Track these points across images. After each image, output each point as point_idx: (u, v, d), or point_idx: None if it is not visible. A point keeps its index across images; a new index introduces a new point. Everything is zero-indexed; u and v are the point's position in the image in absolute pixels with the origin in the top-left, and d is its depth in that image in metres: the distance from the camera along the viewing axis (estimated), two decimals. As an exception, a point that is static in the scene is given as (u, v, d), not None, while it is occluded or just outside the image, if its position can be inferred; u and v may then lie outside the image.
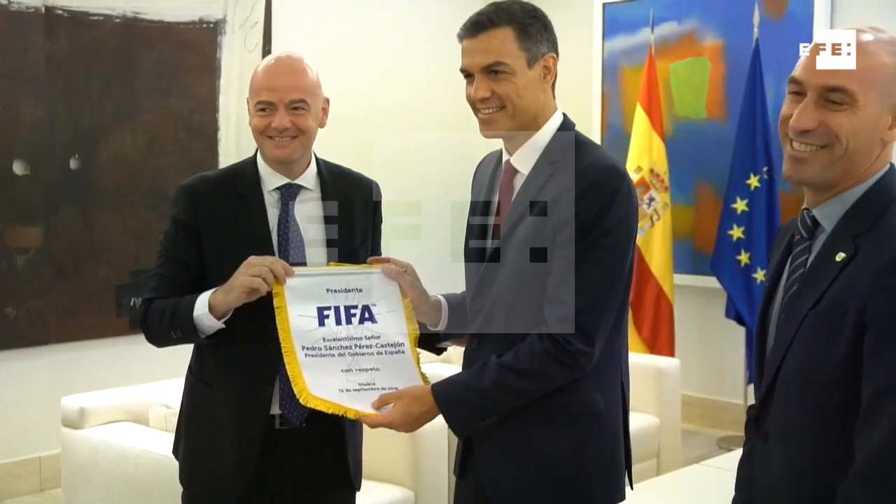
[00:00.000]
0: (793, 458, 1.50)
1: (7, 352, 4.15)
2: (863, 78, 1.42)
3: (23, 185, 4.16)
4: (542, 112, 1.91)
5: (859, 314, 1.38)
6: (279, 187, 2.10)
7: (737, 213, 4.88)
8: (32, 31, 4.13)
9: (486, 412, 1.86)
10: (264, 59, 2.14)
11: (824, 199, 1.49)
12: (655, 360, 4.35)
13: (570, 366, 1.81)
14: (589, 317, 1.79)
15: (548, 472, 1.88)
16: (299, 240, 2.08)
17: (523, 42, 1.85)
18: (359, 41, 5.26)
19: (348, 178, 2.22)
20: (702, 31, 5.25)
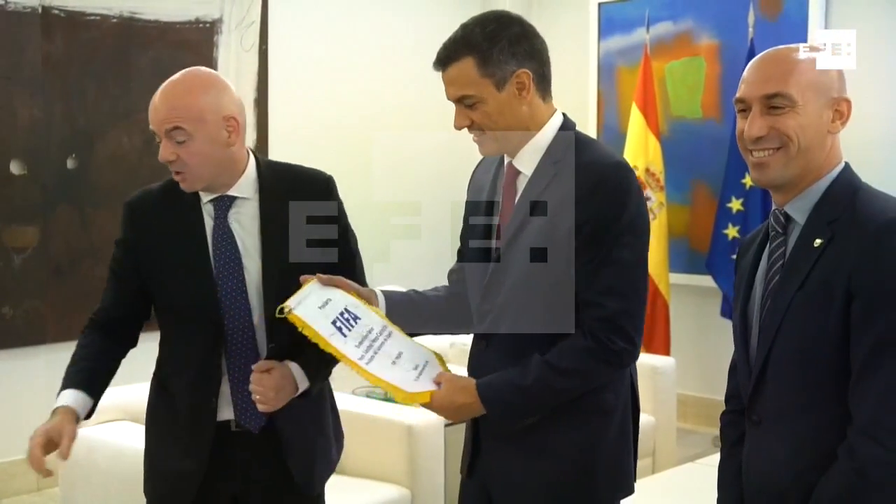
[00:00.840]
0: (791, 435, 1.57)
1: (4, 351, 4.15)
2: (796, 81, 1.58)
3: (20, 184, 4.17)
4: (534, 119, 1.91)
5: (845, 287, 1.49)
6: (211, 200, 2.07)
7: (732, 212, 4.91)
8: (29, 31, 4.14)
9: (528, 410, 1.88)
10: None
11: (792, 196, 1.61)
12: (651, 360, 4.36)
13: (615, 364, 1.84)
14: (627, 317, 1.82)
15: (557, 470, 1.91)
16: (235, 251, 2.05)
17: (486, 69, 1.85)
18: (355, 40, 5.26)
19: (297, 178, 2.13)
20: (697, 31, 5.27)
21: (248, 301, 2.04)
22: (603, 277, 1.80)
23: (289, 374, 2.03)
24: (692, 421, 5.11)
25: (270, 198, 2.07)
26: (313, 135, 5.08)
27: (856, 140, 4.92)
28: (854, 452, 1.47)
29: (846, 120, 1.60)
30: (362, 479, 3.28)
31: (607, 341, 1.81)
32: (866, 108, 4.82)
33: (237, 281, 2.04)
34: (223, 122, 1.99)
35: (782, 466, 1.58)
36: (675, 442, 4.28)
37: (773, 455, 1.60)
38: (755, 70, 1.62)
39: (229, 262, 2.04)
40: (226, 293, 2.04)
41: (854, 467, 1.47)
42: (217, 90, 2.02)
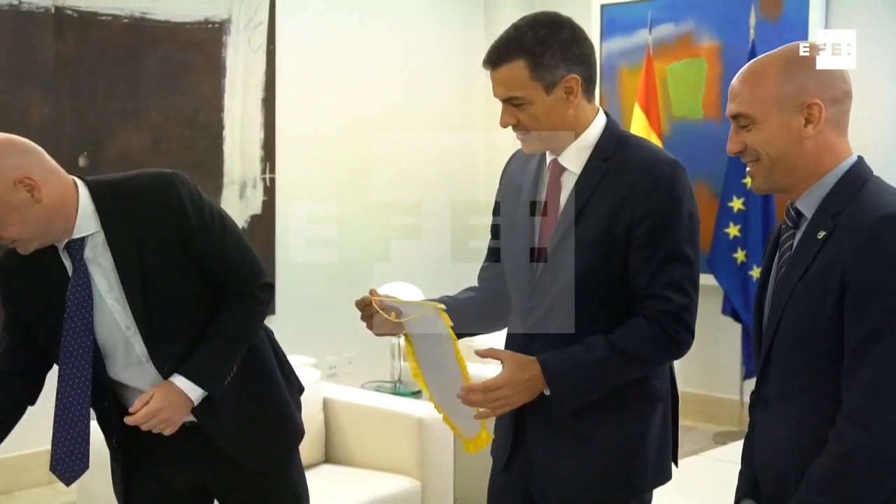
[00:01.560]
0: (791, 416, 1.64)
1: None
2: (754, 98, 1.64)
3: (32, 182, 4.22)
4: (577, 121, 1.95)
5: (841, 277, 1.54)
6: (63, 247, 1.99)
7: (733, 211, 4.96)
8: (42, 31, 4.19)
9: (589, 388, 1.91)
10: None
11: (800, 193, 1.67)
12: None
13: (675, 354, 1.93)
14: (689, 310, 1.91)
15: (606, 460, 1.94)
16: (88, 298, 1.97)
17: (537, 73, 1.89)
18: (361, 41, 5.31)
19: (130, 194, 1.98)
20: (698, 33, 5.32)
21: (89, 342, 1.98)
22: (669, 272, 1.87)
23: (171, 389, 2.00)
24: (693, 418, 5.14)
25: (114, 224, 1.97)
26: (320, 134, 5.13)
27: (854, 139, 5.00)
28: (841, 437, 1.53)
29: (819, 122, 1.63)
30: (373, 471, 3.34)
31: (673, 332, 1.88)
32: (865, 109, 4.90)
33: (82, 327, 1.97)
34: (15, 186, 1.86)
35: (783, 446, 1.65)
36: None
37: (776, 435, 1.67)
38: (730, 88, 1.69)
39: (80, 313, 1.97)
40: (66, 340, 1.98)
41: (840, 452, 1.53)
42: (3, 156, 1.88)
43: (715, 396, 5.29)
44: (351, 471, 3.40)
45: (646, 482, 1.99)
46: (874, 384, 1.51)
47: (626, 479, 1.96)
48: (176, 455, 2.13)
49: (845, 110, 1.67)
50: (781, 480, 1.65)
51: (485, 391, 1.88)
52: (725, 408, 5.15)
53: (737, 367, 5.11)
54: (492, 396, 1.88)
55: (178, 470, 2.16)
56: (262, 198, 4.91)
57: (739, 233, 4.94)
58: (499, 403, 1.89)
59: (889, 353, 1.51)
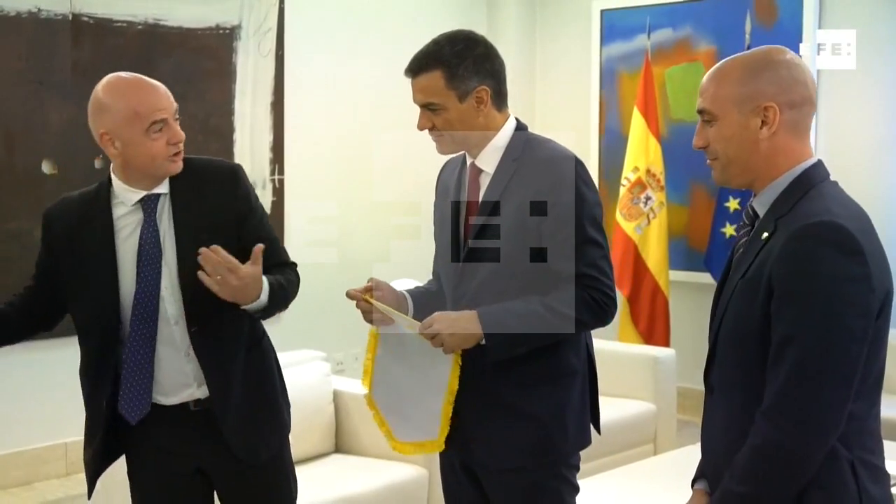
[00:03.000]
0: (727, 405, 1.72)
1: (33, 342, 4.13)
2: (716, 95, 1.71)
3: (51, 184, 4.33)
4: (488, 127, 2.17)
5: (769, 279, 1.62)
6: (139, 201, 2.16)
7: (729, 211, 5.08)
8: (60, 38, 4.31)
9: (521, 338, 2.08)
10: (106, 88, 2.19)
11: (757, 192, 1.73)
12: (652, 350, 4.53)
13: (603, 319, 2.13)
14: (610, 286, 2.13)
15: (535, 429, 2.15)
16: (158, 251, 2.14)
17: (451, 82, 2.12)
18: (369, 46, 5.40)
19: (201, 170, 2.22)
20: (696, 38, 5.45)
21: (157, 305, 2.14)
22: (586, 254, 2.09)
23: (258, 275, 2.11)
24: (690, 412, 5.21)
25: (180, 191, 2.17)
26: (328, 136, 5.22)
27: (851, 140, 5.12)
28: (756, 432, 1.61)
29: (773, 125, 1.67)
30: (381, 460, 3.44)
31: (601, 301, 2.11)
32: (858, 110, 5.02)
33: (152, 283, 2.13)
34: None
35: (719, 433, 1.73)
36: (674, 430, 4.43)
37: (715, 422, 1.76)
38: (700, 84, 1.76)
39: (151, 264, 2.14)
40: (140, 298, 2.13)
41: (754, 445, 1.61)
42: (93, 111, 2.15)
43: None
44: (360, 460, 3.51)
45: (568, 448, 2.19)
46: (786, 385, 1.58)
47: (552, 445, 2.16)
48: (177, 438, 2.22)
49: (805, 114, 1.72)
50: (717, 465, 1.73)
51: (423, 328, 2.08)
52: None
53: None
54: (428, 333, 2.07)
55: (178, 454, 2.24)
56: (271, 198, 5.03)
57: (735, 232, 4.97)
58: (431, 335, 2.06)
59: (800, 357, 1.57)
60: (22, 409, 4.32)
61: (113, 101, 2.12)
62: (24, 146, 4.26)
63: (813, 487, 1.61)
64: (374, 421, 2.27)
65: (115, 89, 2.14)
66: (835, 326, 1.57)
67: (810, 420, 1.58)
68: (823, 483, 1.61)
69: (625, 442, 4.13)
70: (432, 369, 2.16)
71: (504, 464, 2.17)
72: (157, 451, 2.25)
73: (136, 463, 2.30)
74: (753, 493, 1.62)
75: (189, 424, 2.23)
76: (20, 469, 4.30)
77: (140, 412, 2.18)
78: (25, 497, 4.20)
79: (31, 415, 4.35)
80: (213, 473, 2.29)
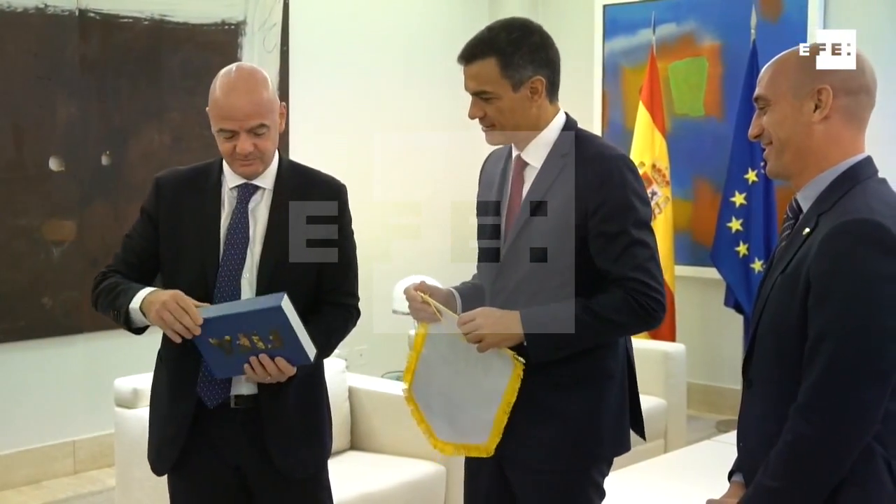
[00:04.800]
0: (764, 401, 1.72)
1: (44, 340, 4.31)
2: (771, 81, 1.71)
3: (58, 180, 4.31)
4: (539, 119, 2.12)
5: (807, 276, 1.61)
6: (237, 186, 2.20)
7: (735, 206, 5.08)
8: (67, 33, 4.28)
9: (563, 340, 2.05)
10: (222, 74, 2.17)
11: (804, 183, 1.72)
12: (662, 346, 4.52)
13: (648, 324, 2.08)
14: (658, 290, 2.06)
15: (566, 433, 2.11)
16: (245, 237, 2.17)
17: (506, 71, 2.07)
18: (374, 42, 5.39)
19: (310, 180, 2.26)
20: (700, 33, 5.45)
21: (239, 287, 2.15)
22: (633, 256, 2.03)
23: None
24: (697, 407, 5.25)
25: (283, 192, 2.19)
26: (333, 134, 5.20)
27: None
28: (791, 427, 1.61)
29: (826, 108, 1.66)
30: (397, 457, 3.44)
31: (647, 306, 2.04)
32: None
33: (235, 268, 2.15)
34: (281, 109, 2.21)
35: (756, 427, 1.73)
36: (685, 425, 4.43)
37: (753, 415, 1.75)
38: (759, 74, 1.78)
39: (236, 248, 2.16)
40: (222, 277, 2.15)
41: (787, 441, 1.61)
42: None
43: (718, 386, 5.40)
44: (376, 457, 3.49)
45: (602, 451, 2.15)
46: (820, 381, 1.58)
47: (583, 448, 2.12)
48: (224, 437, 2.19)
49: (861, 104, 1.70)
50: (753, 459, 1.72)
51: (462, 322, 2.06)
52: (728, 397, 5.25)
53: (739, 357, 5.23)
54: (467, 328, 2.05)
55: (220, 452, 2.20)
56: (277, 195, 5.00)
57: (741, 227, 5.07)
58: (471, 330, 2.04)
59: (835, 354, 1.57)
60: (30, 407, 4.32)
61: (212, 88, 2.17)
62: (31, 142, 4.25)
63: (848, 484, 1.61)
64: (414, 417, 2.24)
65: (217, 79, 2.17)
66: (871, 325, 1.57)
67: (844, 417, 1.58)
68: (859, 480, 1.61)
69: (636, 437, 4.11)
70: (486, 378, 2.12)
71: (536, 464, 2.14)
72: (204, 448, 2.21)
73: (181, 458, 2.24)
74: (787, 488, 1.62)
75: (232, 422, 2.20)
76: (28, 467, 4.30)
77: (220, 395, 2.16)
78: (34, 495, 4.19)
79: (39, 412, 4.34)
80: (250, 476, 2.25)
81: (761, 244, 4.98)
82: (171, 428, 2.19)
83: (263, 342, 2.05)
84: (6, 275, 4.19)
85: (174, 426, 2.18)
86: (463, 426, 2.17)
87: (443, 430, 2.20)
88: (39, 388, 4.34)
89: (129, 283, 2.17)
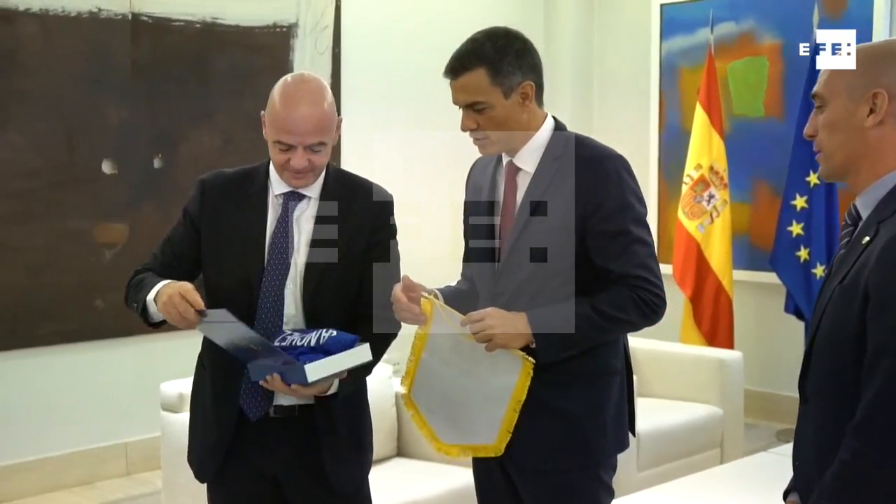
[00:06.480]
0: (820, 417, 1.64)
1: (97, 342, 4.35)
2: (829, 81, 1.65)
3: (110, 183, 4.35)
4: (530, 124, 2.13)
5: (866, 286, 1.54)
6: (283, 193, 2.16)
7: (796, 209, 4.94)
8: (119, 37, 4.32)
9: (571, 340, 2.05)
10: (285, 84, 2.13)
11: (862, 189, 1.65)
12: (718, 353, 4.41)
13: (652, 319, 2.10)
14: (659, 285, 2.09)
15: (570, 428, 2.11)
16: (289, 244, 2.13)
17: (496, 79, 2.07)
18: (425, 42, 5.34)
19: (356, 189, 2.21)
20: (760, 31, 5.32)
21: (282, 296, 2.11)
22: (634, 254, 2.06)
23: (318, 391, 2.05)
24: (755, 415, 5.13)
25: (330, 201, 2.16)
26: (386, 137, 5.15)
27: None
28: (847, 446, 1.53)
29: (880, 113, 1.59)
30: (444, 465, 3.33)
31: (651, 301, 2.07)
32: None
33: (280, 277, 2.11)
34: (338, 124, 2.17)
35: (810, 446, 1.66)
36: (742, 435, 4.32)
37: (807, 434, 1.68)
38: None
39: (279, 256, 2.12)
40: (267, 286, 2.11)
41: (843, 459, 1.54)
42: None
43: (777, 394, 5.25)
44: (423, 464, 3.43)
45: (606, 447, 2.15)
46: (878, 399, 1.50)
47: (588, 445, 2.12)
48: (263, 447, 2.15)
49: None
50: (809, 478, 1.65)
51: (470, 321, 2.04)
52: (787, 405, 5.07)
53: (799, 364, 5.07)
54: (476, 327, 2.03)
55: (259, 462, 2.17)
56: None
57: (803, 231, 4.93)
58: (480, 329, 2.02)
59: (892, 369, 1.49)
60: (82, 409, 4.35)
61: (272, 96, 2.12)
62: (83, 146, 4.29)
63: None
64: (414, 421, 2.23)
65: (279, 87, 2.13)
66: None
67: None
68: None
69: (691, 447, 4.04)
70: (493, 376, 2.11)
71: (540, 465, 2.12)
72: (242, 458, 2.17)
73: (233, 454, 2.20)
74: None
75: (272, 432, 2.15)
76: (81, 468, 4.33)
77: (262, 407, 2.12)
78: (87, 496, 4.23)
79: (91, 414, 4.37)
80: (289, 488, 2.20)
81: (823, 249, 4.84)
82: (213, 436, 2.17)
83: None
84: (58, 277, 4.23)
85: (216, 434, 2.16)
86: (469, 427, 2.15)
87: (446, 433, 2.18)
88: (92, 390, 4.37)
89: (153, 278, 2.13)
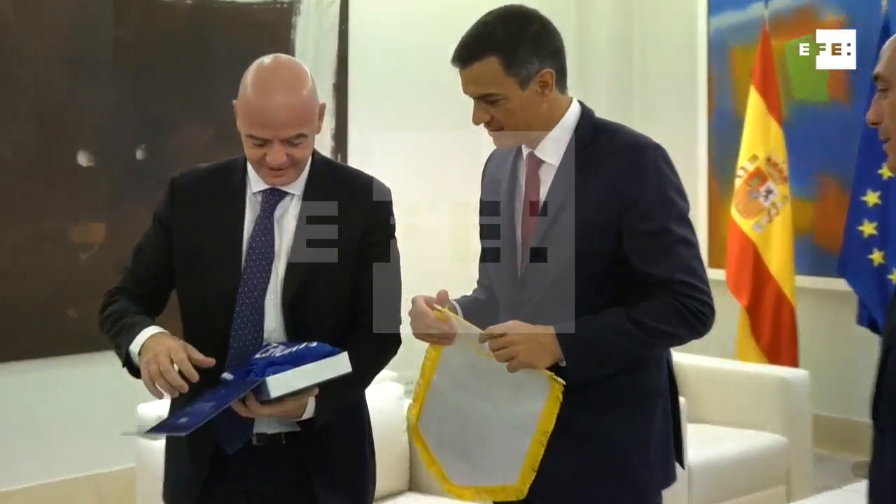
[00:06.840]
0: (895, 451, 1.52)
1: (68, 357, 4.02)
2: (892, 59, 1.52)
3: (87, 177, 4.02)
4: (552, 114, 1.99)
5: None
6: (262, 191, 2.02)
7: (868, 206, 4.58)
8: (100, 13, 4.01)
9: (607, 358, 1.90)
10: (257, 68, 1.95)
11: None
12: (780, 371, 4.06)
13: (699, 331, 1.92)
14: (707, 291, 1.92)
15: (610, 456, 1.94)
16: (270, 252, 1.99)
17: (511, 69, 1.93)
18: (436, 20, 5.06)
19: (347, 182, 2.07)
20: (821, 5, 4.93)
21: (262, 308, 1.97)
22: (678, 255, 1.90)
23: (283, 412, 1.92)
24: (826, 445, 4.66)
25: (314, 197, 2.03)
26: (397, 122, 4.93)
27: None
28: None
29: None
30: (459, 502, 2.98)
31: (697, 310, 1.90)
32: None
33: (259, 285, 1.97)
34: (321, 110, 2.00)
35: (887, 482, 1.55)
36: (810, 467, 3.92)
37: (884, 471, 1.57)
38: None
39: (259, 261, 2.00)
40: (244, 296, 1.97)
41: None
42: None
43: (852, 420, 4.75)
44: (438, 500, 3.05)
45: (652, 481, 1.99)
46: None
47: (630, 476, 1.95)
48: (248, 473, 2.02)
49: None
50: None
51: (490, 336, 1.90)
52: (865, 434, 4.56)
53: (873, 384, 4.57)
54: (497, 343, 1.89)
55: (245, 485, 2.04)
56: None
57: (876, 230, 4.55)
58: (501, 348, 1.88)
59: None
60: (48, 435, 4.02)
61: (243, 82, 1.94)
62: (58, 134, 3.96)
63: None
64: (422, 457, 2.08)
65: (251, 72, 1.94)
66: None
67: None
68: None
69: (752, 482, 3.68)
70: (515, 402, 1.94)
71: (578, 500, 1.95)
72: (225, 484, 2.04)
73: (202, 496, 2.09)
74: None
75: (255, 458, 2.01)
76: (48, 503, 4.00)
77: (240, 439, 1.99)
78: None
79: (58, 441, 4.04)
80: None
81: (900, 251, 4.45)
82: (188, 468, 2.04)
83: None
84: (27, 283, 3.90)
85: (192, 467, 2.04)
86: (486, 464, 1.99)
87: (458, 472, 2.02)
88: (59, 413, 4.03)
89: (134, 317, 1.99)
